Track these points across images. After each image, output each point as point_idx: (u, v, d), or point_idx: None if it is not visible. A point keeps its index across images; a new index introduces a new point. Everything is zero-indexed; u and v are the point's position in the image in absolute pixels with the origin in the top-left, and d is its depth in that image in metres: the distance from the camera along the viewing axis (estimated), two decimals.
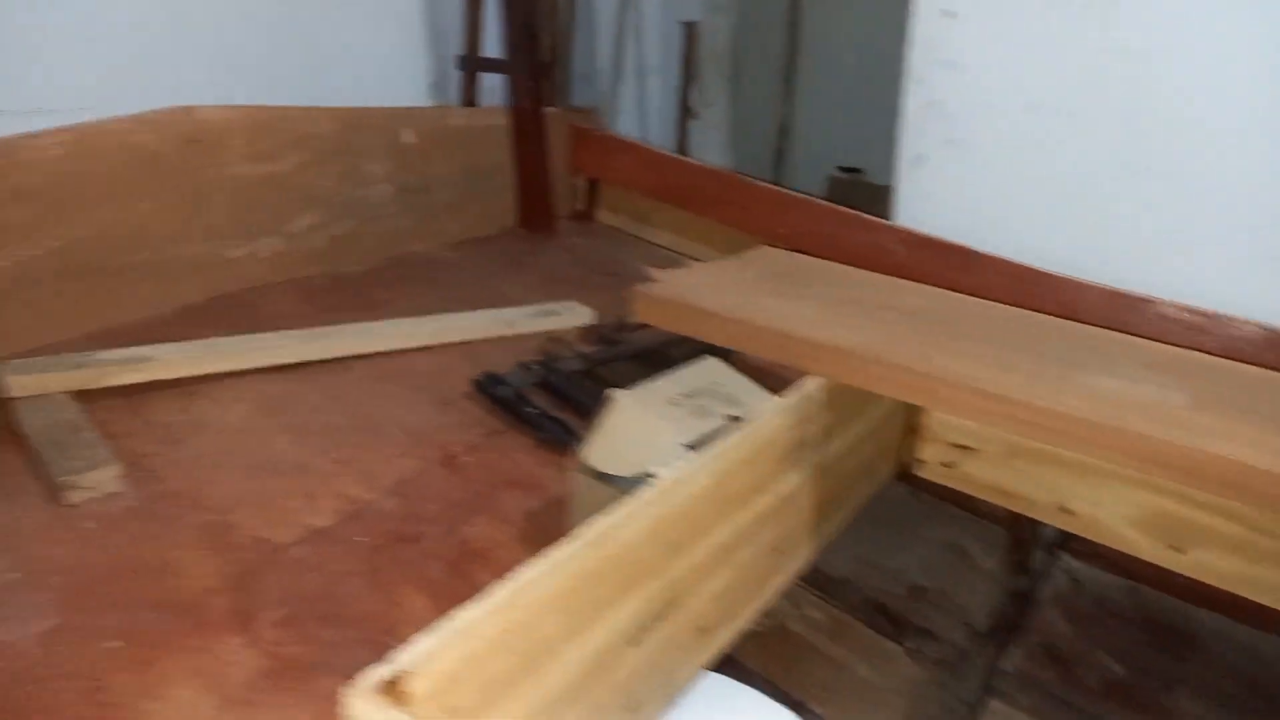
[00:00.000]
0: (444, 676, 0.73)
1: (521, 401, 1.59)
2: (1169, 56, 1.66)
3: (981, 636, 1.61)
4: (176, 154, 1.83)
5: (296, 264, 2.11)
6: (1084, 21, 1.74)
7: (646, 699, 1.05)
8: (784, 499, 1.27)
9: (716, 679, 1.21)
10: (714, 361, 1.28)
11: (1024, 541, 1.78)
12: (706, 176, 2.55)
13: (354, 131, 2.18)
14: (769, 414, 1.15)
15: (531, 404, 1.59)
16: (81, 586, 1.12)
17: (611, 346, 1.87)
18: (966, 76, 1.92)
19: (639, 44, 4.27)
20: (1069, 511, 1.52)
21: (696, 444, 1.12)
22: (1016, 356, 1.44)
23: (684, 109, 4.36)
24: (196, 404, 1.56)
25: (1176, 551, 1.42)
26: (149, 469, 1.36)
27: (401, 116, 2.33)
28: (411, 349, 1.82)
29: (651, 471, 1.11)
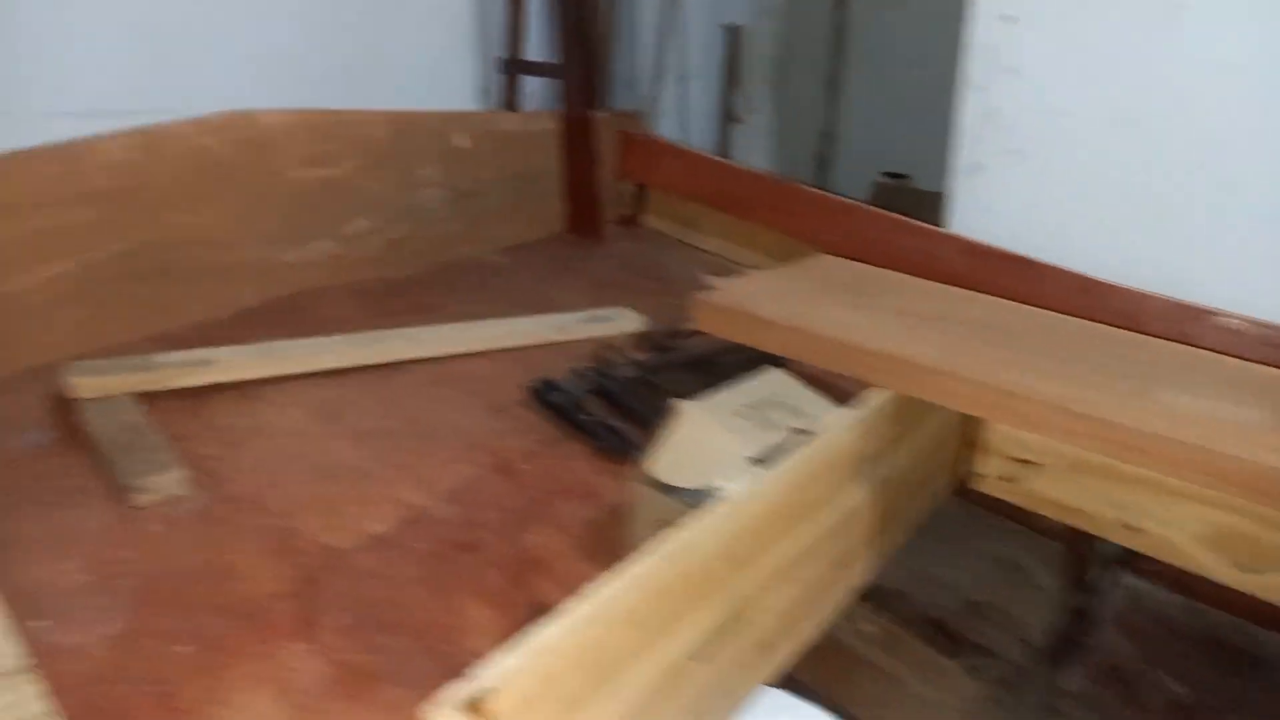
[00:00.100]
0: (525, 695, 0.72)
1: (577, 409, 1.59)
2: (1236, 66, 1.63)
3: (1040, 654, 1.58)
4: (237, 158, 1.85)
5: (350, 267, 2.12)
6: (1149, 29, 1.71)
7: (710, 716, 1.04)
8: (847, 513, 1.26)
9: (774, 694, 1.20)
10: (778, 373, 1.27)
11: (1082, 557, 1.74)
12: (756, 182, 2.53)
13: (407, 135, 2.19)
14: (837, 427, 1.13)
15: (587, 411, 1.58)
16: (149, 590, 1.12)
17: (665, 353, 1.86)
18: (1027, 84, 1.89)
19: (681, 48, 4.25)
20: (1135, 529, 1.49)
21: (763, 457, 1.10)
22: (1087, 370, 1.41)
23: (726, 113, 4.34)
24: (255, 407, 1.57)
25: (1247, 572, 1.38)
26: (211, 472, 1.37)
27: (453, 120, 2.34)
28: (464, 354, 1.82)
29: (716, 484, 1.10)
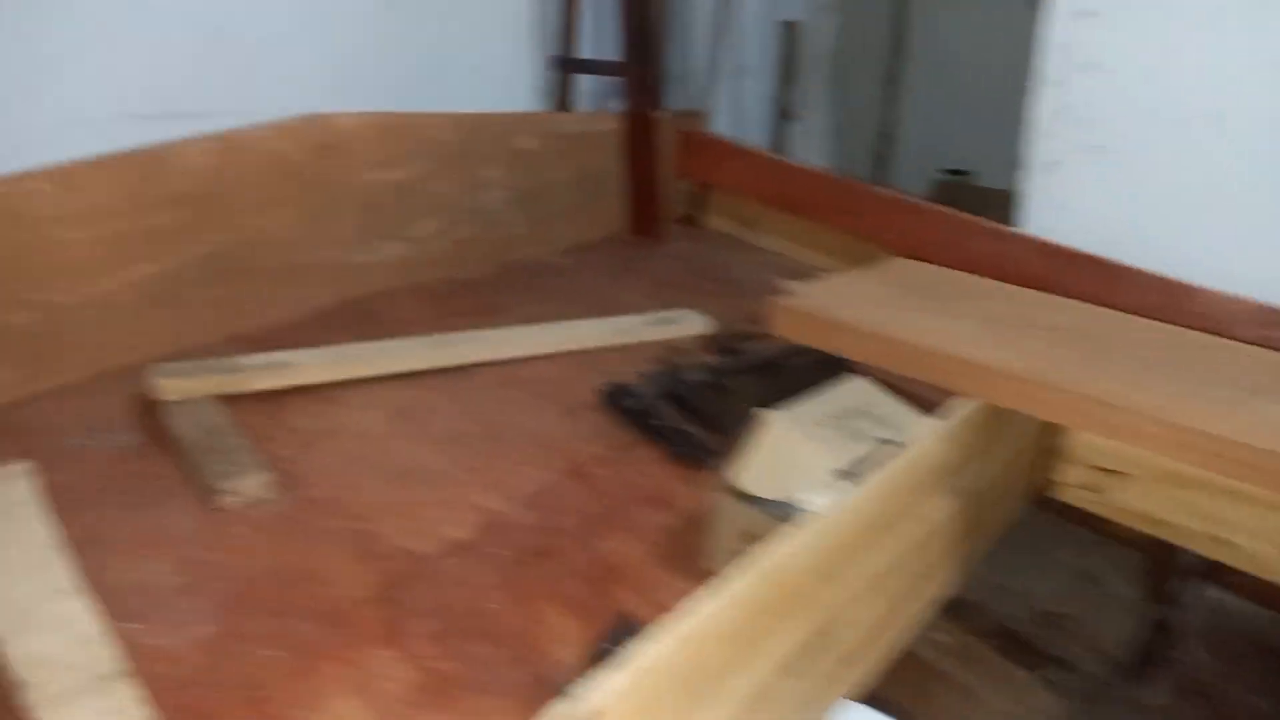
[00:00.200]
0: (629, 715, 0.71)
1: (650, 414, 1.57)
2: None
3: (1120, 668, 1.55)
4: (312, 161, 1.87)
5: (419, 269, 2.13)
6: (1235, 23, 1.66)
7: None
8: (930, 525, 1.23)
9: (855, 707, 1.18)
10: (861, 381, 1.24)
11: (1162, 568, 1.69)
12: (819, 181, 2.50)
13: (473, 137, 2.20)
14: (927, 438, 1.11)
15: (659, 416, 1.57)
16: (238, 593, 1.14)
17: (733, 357, 1.84)
18: (1107, 79, 1.85)
19: (735, 44, 4.21)
20: (1225, 541, 1.44)
21: (851, 468, 1.08)
22: (1179, 379, 1.37)
23: (781, 110, 4.30)
24: (331, 409, 1.58)
25: None
26: (291, 474, 1.38)
27: (518, 122, 2.34)
28: (532, 356, 1.82)
29: (802, 496, 1.08)
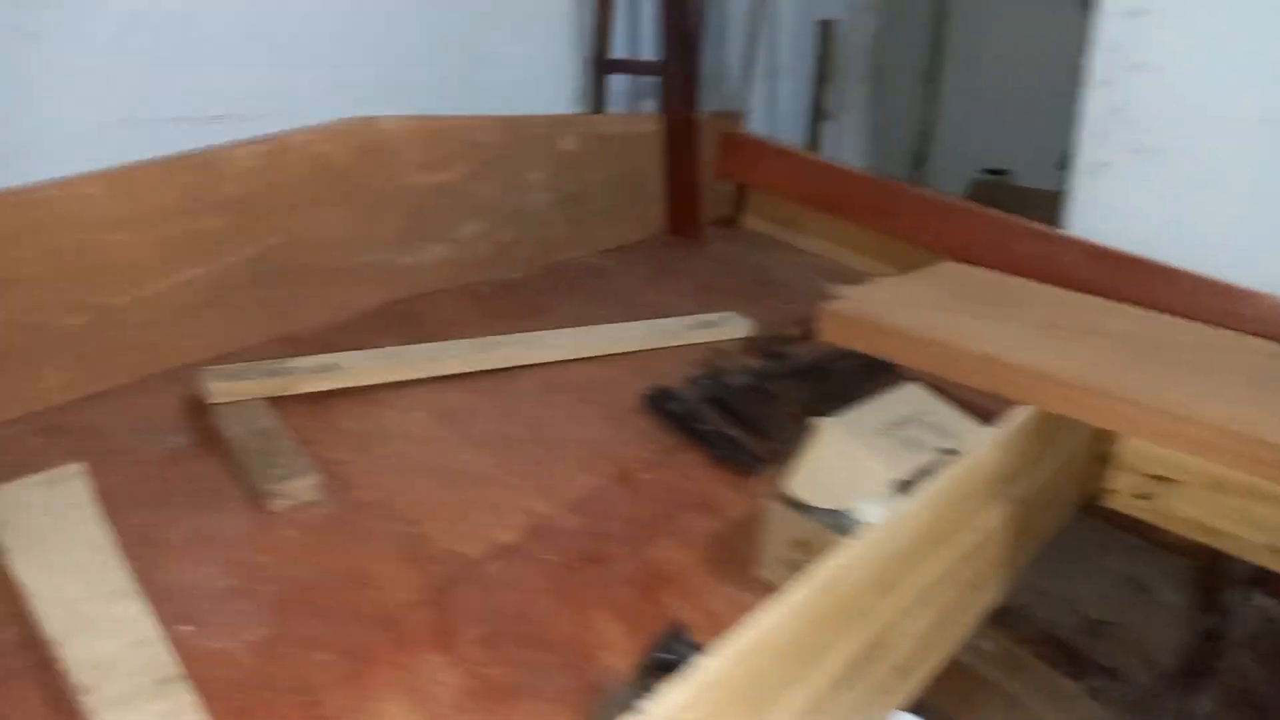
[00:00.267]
0: None
1: (694, 418, 1.57)
2: None
3: (1168, 677, 1.51)
4: (357, 164, 1.87)
5: (462, 271, 2.14)
6: None
7: None
8: (984, 535, 1.22)
9: (904, 716, 1.17)
10: (915, 388, 1.23)
11: (1212, 576, 1.66)
12: (861, 183, 2.48)
13: (516, 139, 2.20)
14: (985, 448, 1.09)
15: (705, 421, 1.56)
16: (289, 596, 1.14)
17: (777, 361, 1.83)
18: (1158, 80, 1.82)
19: (771, 43, 4.18)
20: None
21: (911, 478, 1.07)
22: (1243, 386, 1.35)
23: (817, 109, 4.26)
24: (377, 411, 1.59)
25: None
26: (340, 477, 1.39)
27: (560, 123, 2.34)
28: (576, 359, 1.82)
29: (858, 506, 1.07)
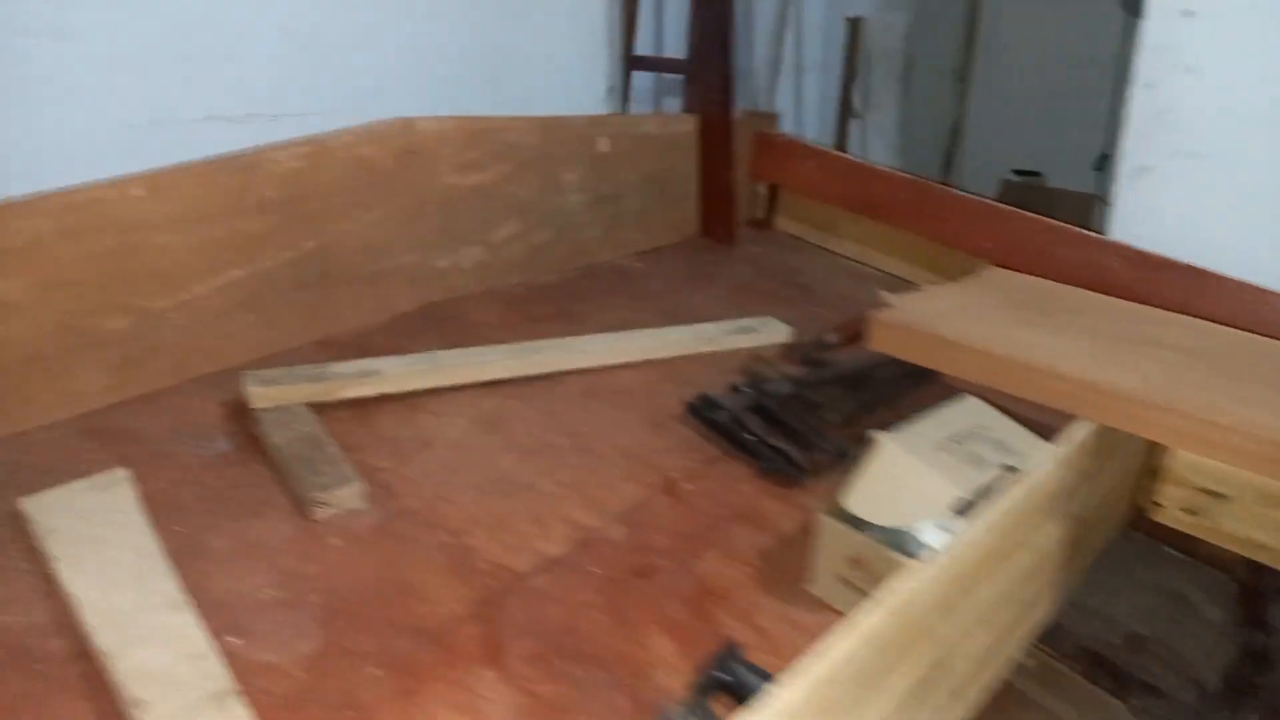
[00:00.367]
0: None
1: (738, 427, 1.54)
2: None
3: (1212, 695, 1.48)
4: (396, 165, 1.86)
5: (498, 273, 2.12)
6: None
7: None
8: (1041, 553, 1.19)
9: None
10: (975, 401, 1.20)
11: (1257, 592, 1.62)
12: (899, 185, 2.44)
13: (553, 140, 2.18)
14: (1049, 465, 1.06)
15: (749, 430, 1.53)
16: (337, 607, 1.13)
17: (818, 368, 1.80)
18: (1206, 82, 1.78)
19: (799, 40, 4.14)
20: None
21: (974, 497, 1.04)
22: None
23: (845, 108, 4.22)
24: (419, 418, 1.57)
25: None
26: (384, 485, 1.37)
27: (597, 124, 2.32)
28: (615, 365, 1.80)
29: (917, 523, 1.04)
